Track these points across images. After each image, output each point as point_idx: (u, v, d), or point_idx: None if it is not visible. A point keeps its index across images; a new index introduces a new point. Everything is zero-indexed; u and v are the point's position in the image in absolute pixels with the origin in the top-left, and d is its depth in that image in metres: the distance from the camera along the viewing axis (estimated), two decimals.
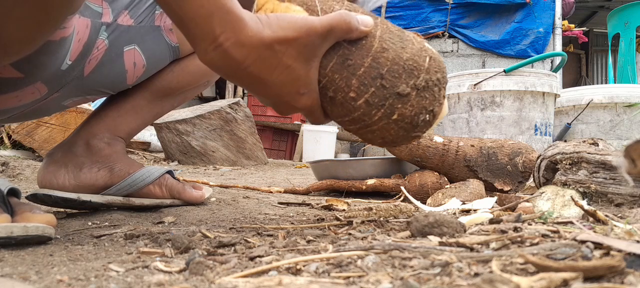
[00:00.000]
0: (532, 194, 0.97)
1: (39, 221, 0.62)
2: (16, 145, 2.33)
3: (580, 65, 7.45)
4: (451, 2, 4.76)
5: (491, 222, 0.67)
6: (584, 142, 0.97)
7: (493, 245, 0.51)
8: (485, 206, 0.91)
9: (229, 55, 0.53)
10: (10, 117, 0.85)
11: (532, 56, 4.25)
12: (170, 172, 1.02)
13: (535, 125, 2.09)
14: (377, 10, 4.75)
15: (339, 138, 4.41)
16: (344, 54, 0.59)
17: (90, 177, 0.93)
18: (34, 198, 0.87)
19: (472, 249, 0.50)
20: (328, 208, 1.05)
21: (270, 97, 0.59)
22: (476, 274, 0.41)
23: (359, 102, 0.59)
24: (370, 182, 1.28)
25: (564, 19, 4.77)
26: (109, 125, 0.96)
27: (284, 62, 0.55)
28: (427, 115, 0.62)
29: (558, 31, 4.63)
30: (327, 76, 0.59)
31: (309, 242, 0.60)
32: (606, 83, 6.12)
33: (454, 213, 0.85)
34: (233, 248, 0.58)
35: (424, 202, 1.13)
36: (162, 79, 0.97)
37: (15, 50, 0.59)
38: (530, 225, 0.64)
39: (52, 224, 0.65)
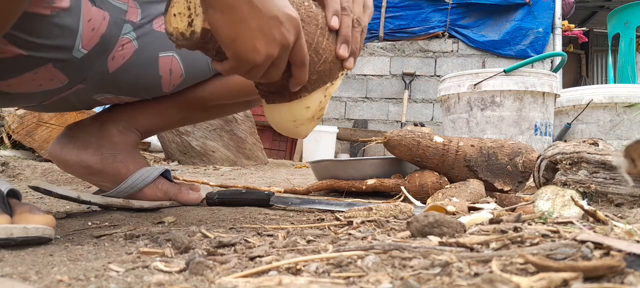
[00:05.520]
0: (532, 194, 0.96)
1: (38, 222, 0.62)
2: (16, 145, 2.33)
3: (580, 65, 7.45)
4: (451, 2, 4.75)
5: (491, 222, 0.66)
6: (584, 142, 0.97)
7: (493, 245, 0.51)
8: (481, 206, 0.91)
9: None
10: (41, 105, 0.86)
11: (532, 56, 4.24)
12: (167, 172, 1.01)
13: (535, 125, 2.09)
14: (378, 11, 4.75)
15: (339, 138, 4.41)
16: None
17: (89, 158, 0.93)
18: (36, 190, 0.87)
19: (472, 249, 0.50)
20: None
21: (256, 30, 0.57)
22: (476, 274, 0.41)
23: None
24: (370, 182, 1.28)
25: (564, 19, 4.77)
26: (128, 114, 0.95)
27: None
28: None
29: (558, 31, 4.62)
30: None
31: (309, 242, 0.60)
32: (606, 83, 6.11)
33: (454, 213, 0.85)
34: (233, 248, 0.58)
35: (424, 202, 1.13)
36: (196, 87, 0.95)
37: None
38: (530, 225, 0.64)
39: (51, 225, 0.64)
